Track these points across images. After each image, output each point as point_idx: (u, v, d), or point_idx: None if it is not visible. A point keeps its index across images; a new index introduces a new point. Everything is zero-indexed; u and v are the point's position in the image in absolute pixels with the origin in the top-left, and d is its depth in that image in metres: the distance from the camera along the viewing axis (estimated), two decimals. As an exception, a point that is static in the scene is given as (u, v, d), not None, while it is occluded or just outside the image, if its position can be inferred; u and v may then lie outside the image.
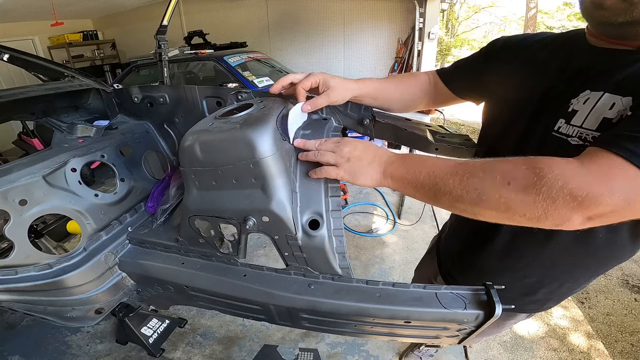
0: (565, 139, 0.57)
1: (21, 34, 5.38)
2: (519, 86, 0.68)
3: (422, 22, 4.50)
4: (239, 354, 1.71)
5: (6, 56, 1.23)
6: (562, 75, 0.61)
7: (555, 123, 0.59)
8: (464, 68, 0.83)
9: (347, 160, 0.60)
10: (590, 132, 0.53)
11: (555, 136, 0.59)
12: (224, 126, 0.65)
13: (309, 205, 0.67)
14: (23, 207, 0.78)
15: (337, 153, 0.61)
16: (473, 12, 14.30)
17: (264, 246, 2.51)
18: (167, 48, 1.49)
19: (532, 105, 0.65)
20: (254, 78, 3.63)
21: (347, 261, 0.69)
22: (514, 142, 0.68)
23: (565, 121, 0.57)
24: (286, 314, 0.74)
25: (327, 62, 5.56)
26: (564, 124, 0.57)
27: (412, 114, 1.00)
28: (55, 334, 1.82)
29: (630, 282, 2.22)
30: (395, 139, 0.94)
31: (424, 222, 2.76)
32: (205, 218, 0.72)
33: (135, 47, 6.32)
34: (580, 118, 0.55)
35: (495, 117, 0.77)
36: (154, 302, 1.02)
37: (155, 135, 1.18)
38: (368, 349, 1.72)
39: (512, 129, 0.69)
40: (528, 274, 0.76)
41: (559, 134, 0.58)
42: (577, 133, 0.55)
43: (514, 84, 0.70)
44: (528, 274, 0.76)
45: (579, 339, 1.81)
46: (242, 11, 5.66)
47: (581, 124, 0.55)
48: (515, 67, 0.70)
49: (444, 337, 0.72)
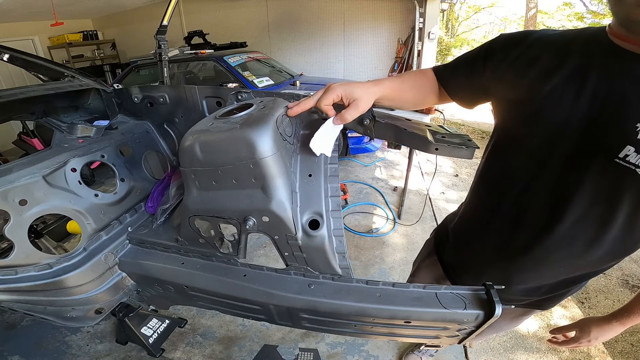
0: (633, 169, 0.52)
1: (21, 34, 5.38)
2: (549, 97, 0.60)
3: (422, 22, 4.50)
4: (239, 354, 1.71)
5: (6, 56, 1.23)
6: (610, 91, 0.54)
7: (621, 150, 0.52)
8: (463, 69, 0.78)
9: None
10: None
11: (620, 164, 0.53)
12: (224, 126, 0.65)
13: (309, 205, 0.67)
14: (23, 207, 0.78)
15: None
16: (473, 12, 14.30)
17: (264, 246, 2.51)
18: (167, 48, 1.49)
19: (575, 123, 0.57)
20: (254, 78, 3.63)
21: (347, 261, 0.69)
22: (560, 163, 0.61)
23: (635, 150, 0.51)
24: (286, 314, 0.74)
25: (327, 62, 5.56)
26: (632, 152, 0.51)
27: (412, 114, 1.00)
28: (55, 334, 1.82)
29: (630, 282, 2.22)
30: (395, 139, 0.94)
31: (424, 222, 2.76)
32: (205, 218, 0.72)
33: (135, 47, 6.32)
34: None
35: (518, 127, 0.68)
36: (154, 302, 1.02)
37: (155, 135, 1.18)
38: (368, 349, 1.72)
39: (551, 146, 0.62)
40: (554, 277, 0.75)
41: (626, 162, 0.52)
42: None
43: (537, 93, 0.61)
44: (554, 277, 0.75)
45: (579, 339, 1.81)
46: (242, 11, 5.66)
47: None
48: (532, 72, 0.63)
49: (444, 337, 0.72)
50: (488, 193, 0.79)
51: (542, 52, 0.63)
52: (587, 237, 0.63)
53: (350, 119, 0.68)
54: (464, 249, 0.90)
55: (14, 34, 5.17)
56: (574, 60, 0.59)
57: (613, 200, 0.57)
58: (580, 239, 0.64)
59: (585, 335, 0.82)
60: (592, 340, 0.81)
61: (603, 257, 0.66)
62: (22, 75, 4.97)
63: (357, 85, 0.68)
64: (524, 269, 0.75)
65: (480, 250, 0.82)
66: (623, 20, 0.52)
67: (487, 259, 0.81)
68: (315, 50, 5.56)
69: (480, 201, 0.83)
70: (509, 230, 0.72)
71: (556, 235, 0.64)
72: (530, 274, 0.75)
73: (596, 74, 0.56)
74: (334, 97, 0.66)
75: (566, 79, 0.58)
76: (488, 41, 0.75)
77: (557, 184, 0.62)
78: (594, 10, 8.68)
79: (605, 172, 0.56)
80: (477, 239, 0.84)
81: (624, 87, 0.53)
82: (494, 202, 0.75)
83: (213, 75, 3.94)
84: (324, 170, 0.72)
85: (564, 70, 0.59)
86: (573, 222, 0.62)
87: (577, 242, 0.64)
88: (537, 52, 0.64)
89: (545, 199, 0.64)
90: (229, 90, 0.97)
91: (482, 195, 0.83)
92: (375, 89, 0.71)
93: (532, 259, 0.71)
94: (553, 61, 0.61)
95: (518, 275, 0.76)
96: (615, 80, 0.54)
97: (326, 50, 5.50)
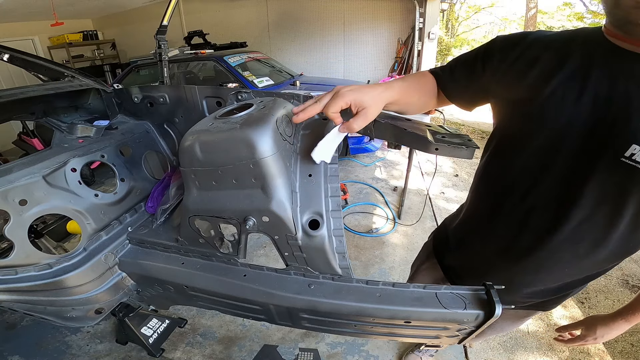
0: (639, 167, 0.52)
1: (21, 34, 5.38)
2: (550, 97, 0.60)
3: (422, 22, 4.51)
4: (239, 354, 1.71)
5: (6, 56, 1.23)
6: (611, 90, 0.54)
7: (627, 149, 0.52)
8: (462, 72, 0.76)
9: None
10: None
11: (626, 163, 0.53)
12: (224, 126, 0.65)
13: (309, 205, 0.67)
14: (23, 207, 0.78)
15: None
16: (473, 12, 14.29)
17: (264, 246, 2.51)
18: (167, 48, 1.49)
19: (579, 123, 0.57)
20: (254, 78, 3.63)
21: (347, 261, 0.69)
22: (565, 164, 0.60)
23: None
24: (286, 314, 0.74)
25: (327, 62, 5.57)
26: (639, 151, 0.51)
27: (412, 114, 0.99)
28: (55, 334, 1.82)
29: (630, 282, 2.22)
30: (395, 139, 0.94)
31: (424, 222, 2.76)
32: (205, 218, 0.72)
33: (135, 47, 6.32)
34: None
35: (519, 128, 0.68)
36: (154, 302, 1.02)
37: (155, 135, 1.18)
38: (368, 349, 1.72)
39: (554, 147, 0.61)
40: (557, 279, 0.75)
41: (632, 161, 0.52)
42: None
43: (538, 94, 0.61)
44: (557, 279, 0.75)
45: (579, 339, 1.81)
46: (242, 11, 5.66)
47: None
48: (532, 73, 0.63)
49: (444, 337, 0.72)
50: (489, 195, 0.79)
51: (541, 52, 0.63)
52: (593, 237, 0.62)
53: (357, 129, 0.64)
54: (465, 251, 0.90)
55: (14, 34, 5.17)
56: (574, 60, 0.58)
57: (619, 199, 0.56)
58: (585, 239, 0.63)
59: (591, 333, 0.82)
60: (597, 338, 0.82)
61: (608, 257, 0.66)
62: (22, 75, 4.97)
63: (367, 92, 0.63)
64: (527, 271, 0.74)
65: (482, 252, 0.82)
66: (621, 21, 0.52)
67: (489, 261, 0.80)
68: (315, 50, 5.56)
69: (481, 203, 0.83)
70: (512, 232, 0.72)
71: (561, 236, 0.64)
72: (534, 275, 0.74)
73: (597, 74, 0.56)
74: (342, 105, 0.61)
75: (567, 79, 0.58)
76: (485, 43, 0.74)
77: (561, 185, 0.62)
78: (594, 10, 8.68)
79: (611, 172, 0.55)
80: (479, 241, 0.83)
81: (627, 86, 0.53)
82: (496, 204, 0.75)
83: (213, 75, 3.94)
84: (324, 170, 0.72)
85: (564, 70, 0.59)
86: (578, 223, 0.61)
87: (582, 242, 0.64)
88: (536, 52, 0.63)
89: (550, 200, 0.64)
90: (229, 90, 0.97)
91: (483, 197, 0.82)
92: (386, 94, 0.67)
93: (535, 260, 0.70)
94: (553, 62, 0.60)
95: (521, 277, 0.76)
96: (617, 80, 0.54)
97: (326, 50, 5.50)
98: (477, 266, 0.86)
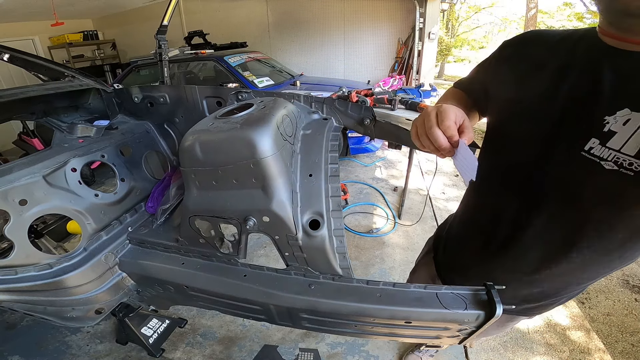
0: (597, 161, 0.52)
1: (21, 34, 5.38)
2: (533, 92, 0.61)
3: (422, 22, 4.51)
4: (239, 354, 1.71)
5: (6, 56, 1.23)
6: (587, 84, 0.54)
7: (586, 142, 0.53)
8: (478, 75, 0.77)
9: None
10: (628, 158, 0.48)
11: (585, 157, 0.53)
12: (224, 126, 0.65)
13: (310, 205, 0.67)
14: (23, 207, 0.78)
15: None
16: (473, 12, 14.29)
17: (264, 246, 2.51)
18: (167, 48, 1.49)
19: (552, 117, 0.58)
20: (254, 78, 3.63)
21: (348, 261, 0.69)
22: (534, 158, 0.61)
23: (600, 142, 0.51)
24: (286, 314, 0.74)
25: (327, 62, 5.57)
26: (597, 145, 0.51)
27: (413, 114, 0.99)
28: (55, 334, 1.82)
29: (630, 282, 2.22)
30: (396, 139, 0.94)
31: (424, 222, 2.76)
32: (206, 218, 0.71)
33: (135, 47, 6.32)
34: (619, 142, 0.49)
35: (505, 127, 0.69)
36: (154, 302, 1.02)
37: (155, 135, 1.18)
38: (368, 349, 1.72)
39: (529, 142, 0.62)
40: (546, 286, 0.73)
41: (591, 155, 0.52)
42: (614, 158, 0.50)
43: (524, 89, 0.63)
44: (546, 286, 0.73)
45: (580, 339, 1.81)
46: (242, 11, 5.67)
47: (619, 149, 0.49)
48: (523, 69, 0.64)
49: (445, 337, 0.72)
50: (475, 191, 0.81)
51: (534, 49, 0.64)
52: (562, 236, 0.61)
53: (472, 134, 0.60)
54: (452, 247, 0.92)
55: (14, 34, 5.17)
56: (559, 57, 0.60)
57: (579, 195, 0.56)
58: (555, 237, 0.62)
59: None
60: None
61: (583, 264, 0.63)
62: (22, 75, 4.97)
63: (452, 106, 0.60)
64: (504, 269, 0.73)
65: (466, 248, 0.83)
66: (619, 15, 0.51)
67: (471, 257, 0.81)
68: (316, 50, 5.56)
69: (469, 200, 0.85)
70: (490, 227, 0.73)
71: (532, 231, 0.64)
72: (511, 274, 0.73)
73: (578, 71, 0.56)
74: (454, 120, 0.57)
75: (549, 75, 0.60)
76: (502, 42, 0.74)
77: (531, 179, 0.62)
78: (594, 10, 8.68)
79: (571, 166, 0.55)
80: (464, 237, 0.85)
81: (601, 81, 0.53)
82: (478, 200, 0.77)
83: (213, 75, 3.94)
84: (324, 171, 0.72)
85: (548, 67, 0.60)
86: (547, 219, 0.61)
87: (553, 241, 0.63)
88: (529, 49, 0.65)
89: (521, 195, 0.64)
90: (229, 90, 0.97)
91: (470, 194, 0.84)
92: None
93: (511, 257, 0.70)
94: (541, 59, 0.62)
95: (500, 275, 0.75)
96: (595, 75, 0.54)
97: (326, 50, 5.50)
98: (459, 261, 0.88)
